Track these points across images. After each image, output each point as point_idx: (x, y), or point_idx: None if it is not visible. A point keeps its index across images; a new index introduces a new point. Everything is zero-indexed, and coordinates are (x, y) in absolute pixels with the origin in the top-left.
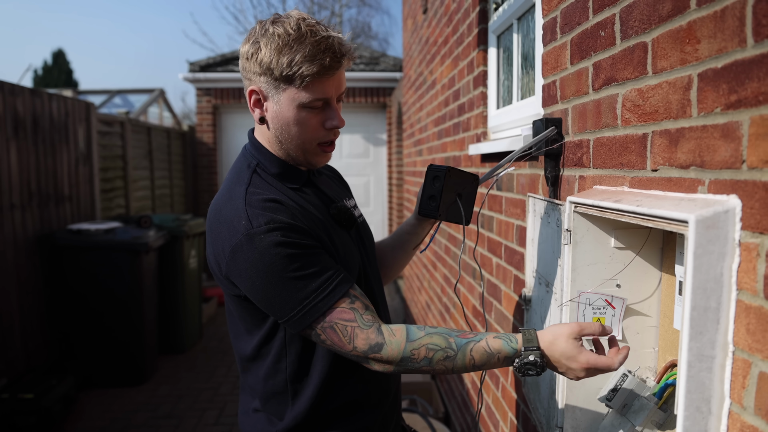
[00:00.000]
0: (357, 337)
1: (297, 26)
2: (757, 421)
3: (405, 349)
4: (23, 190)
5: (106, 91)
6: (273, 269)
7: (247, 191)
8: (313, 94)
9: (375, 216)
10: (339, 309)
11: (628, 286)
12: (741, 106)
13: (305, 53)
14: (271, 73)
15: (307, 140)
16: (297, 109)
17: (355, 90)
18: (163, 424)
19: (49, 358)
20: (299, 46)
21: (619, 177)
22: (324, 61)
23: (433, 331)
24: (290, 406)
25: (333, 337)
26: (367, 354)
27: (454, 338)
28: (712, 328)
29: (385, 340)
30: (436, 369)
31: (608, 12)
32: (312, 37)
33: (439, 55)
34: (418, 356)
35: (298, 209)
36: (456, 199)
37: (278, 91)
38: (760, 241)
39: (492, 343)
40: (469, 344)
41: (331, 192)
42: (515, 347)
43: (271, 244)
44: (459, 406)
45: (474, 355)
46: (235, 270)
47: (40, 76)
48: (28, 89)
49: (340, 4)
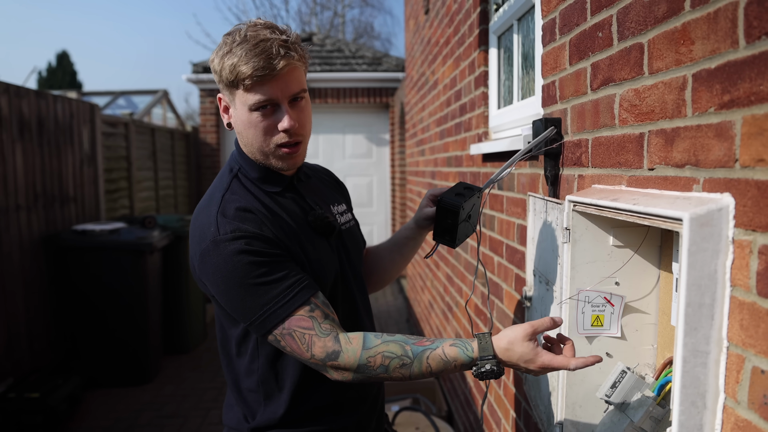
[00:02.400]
0: (314, 345)
1: (244, 33)
2: (751, 415)
3: (361, 356)
4: (29, 191)
5: (110, 92)
6: (235, 275)
7: (223, 198)
8: (256, 96)
9: (378, 216)
10: (298, 317)
11: (627, 283)
12: (734, 106)
13: (241, 56)
14: (221, 79)
15: (263, 143)
16: (248, 112)
17: (358, 90)
18: (167, 423)
19: (55, 358)
20: (238, 50)
21: (617, 176)
22: (258, 63)
23: (390, 338)
24: (262, 406)
25: (292, 343)
26: (325, 362)
27: (410, 346)
28: (707, 324)
29: (341, 348)
30: (393, 376)
31: (606, 13)
32: (251, 41)
33: (440, 56)
34: (374, 364)
35: (269, 218)
36: (466, 220)
37: (232, 96)
38: (753, 238)
39: (448, 351)
40: (425, 352)
41: (314, 198)
42: (471, 356)
43: (235, 251)
44: (462, 405)
45: (431, 363)
46: (204, 274)
47: (44, 77)
48: (34, 91)
49: (342, 4)
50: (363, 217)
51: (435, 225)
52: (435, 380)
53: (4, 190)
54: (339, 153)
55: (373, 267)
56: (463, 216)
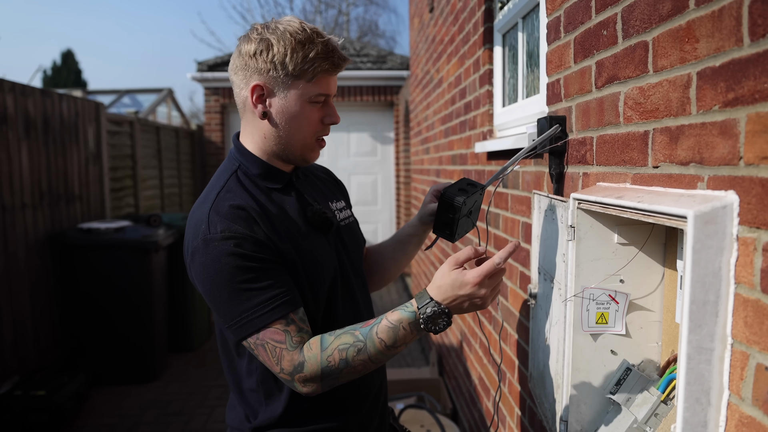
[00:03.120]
0: (283, 358)
1: (302, 28)
2: (755, 412)
3: (321, 360)
4: (34, 189)
5: (115, 91)
6: (221, 276)
7: (218, 195)
8: (319, 90)
9: (383, 214)
10: (273, 329)
11: (632, 281)
12: (738, 104)
13: (318, 51)
14: (284, 68)
15: (309, 134)
16: (303, 104)
17: (363, 88)
18: (172, 421)
19: (61, 356)
20: (311, 44)
21: (621, 174)
22: (334, 59)
23: (341, 331)
24: (264, 406)
25: (263, 354)
26: (293, 375)
27: (358, 330)
28: (711, 321)
29: (305, 357)
30: (357, 367)
31: (610, 11)
32: (320, 38)
33: (445, 54)
34: (334, 362)
35: (263, 216)
36: (467, 215)
37: (286, 86)
38: (757, 235)
39: (391, 317)
40: (373, 329)
41: (313, 195)
42: (412, 309)
43: (224, 252)
44: (467, 403)
45: (381, 336)
46: (193, 271)
47: (49, 76)
48: (39, 90)
49: (347, 2)
50: (367, 215)
51: (435, 218)
52: (440, 378)
53: (10, 189)
54: (344, 151)
55: (375, 265)
56: (465, 211)
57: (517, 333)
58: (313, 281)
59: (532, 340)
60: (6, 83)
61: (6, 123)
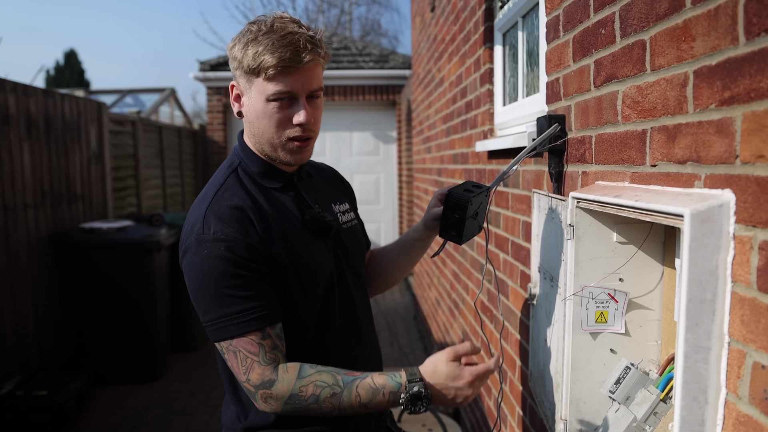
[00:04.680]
0: (253, 370)
1: (271, 23)
2: (752, 410)
3: (294, 386)
4: (36, 189)
5: (117, 90)
6: (208, 278)
7: (216, 194)
8: (277, 87)
9: (385, 213)
10: (248, 339)
11: (631, 280)
12: (734, 103)
13: (267, 45)
14: (241, 66)
15: (275, 134)
16: (265, 102)
17: (365, 87)
18: (175, 420)
19: (63, 355)
20: (264, 39)
21: (620, 172)
22: (284, 53)
23: (324, 369)
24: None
25: (233, 361)
26: (258, 389)
27: (341, 376)
28: (708, 319)
29: (277, 377)
30: (323, 407)
31: (608, 10)
32: (279, 32)
33: (446, 53)
34: (306, 393)
35: (259, 216)
36: (473, 217)
37: (249, 84)
38: (754, 234)
39: (377, 379)
40: (355, 381)
41: (314, 196)
42: (399, 381)
43: (213, 255)
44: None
45: (360, 392)
46: (183, 266)
47: (52, 76)
48: (41, 90)
49: (349, 1)
50: (370, 214)
51: (442, 220)
52: None
53: (12, 189)
54: (346, 150)
55: (378, 268)
56: (471, 212)
57: (518, 332)
58: (306, 285)
59: (532, 339)
60: (8, 83)
61: (8, 123)
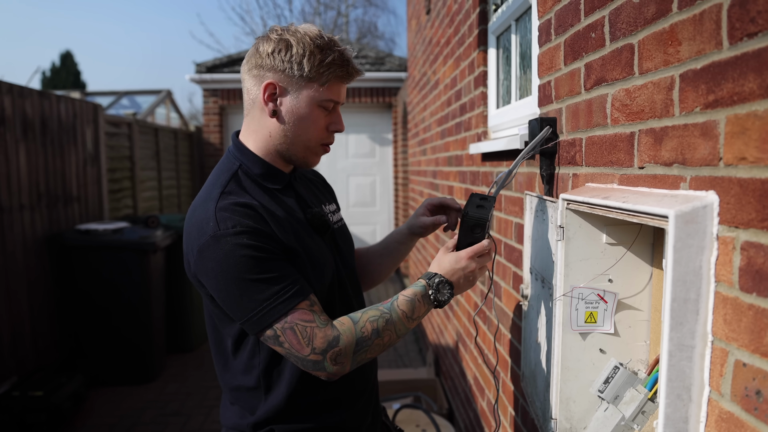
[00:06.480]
0: (316, 336)
1: (321, 34)
2: (733, 407)
3: (356, 331)
4: (32, 190)
5: (113, 92)
6: (237, 270)
7: (221, 194)
8: (330, 95)
9: (381, 215)
10: (300, 311)
11: (620, 280)
12: (718, 106)
13: (335, 57)
14: (300, 69)
15: (314, 138)
16: (313, 107)
17: (361, 90)
18: (171, 421)
19: (59, 356)
20: (329, 50)
21: (609, 174)
22: (349, 68)
23: (365, 308)
24: (263, 401)
25: (291, 338)
26: (326, 352)
27: (381, 306)
28: (692, 318)
29: (339, 331)
30: (384, 338)
31: (598, 14)
32: (338, 46)
33: (441, 56)
34: (367, 332)
35: (269, 215)
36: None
37: (299, 87)
38: (736, 234)
39: (406, 293)
40: (393, 303)
41: (310, 197)
42: (422, 284)
43: (237, 246)
44: (462, 403)
45: (402, 308)
46: (202, 269)
47: (48, 77)
48: (37, 91)
49: (346, 4)
50: (366, 216)
51: (459, 240)
52: (437, 379)
53: (8, 190)
54: (342, 152)
55: (362, 268)
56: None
57: (510, 333)
58: (319, 276)
59: (524, 339)
60: (4, 85)
61: (4, 124)
